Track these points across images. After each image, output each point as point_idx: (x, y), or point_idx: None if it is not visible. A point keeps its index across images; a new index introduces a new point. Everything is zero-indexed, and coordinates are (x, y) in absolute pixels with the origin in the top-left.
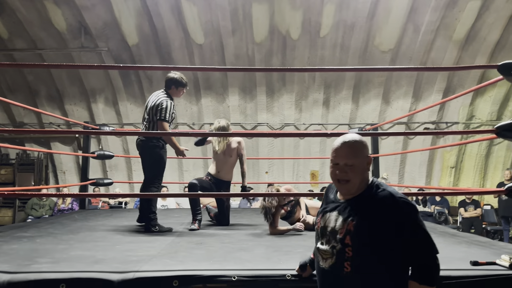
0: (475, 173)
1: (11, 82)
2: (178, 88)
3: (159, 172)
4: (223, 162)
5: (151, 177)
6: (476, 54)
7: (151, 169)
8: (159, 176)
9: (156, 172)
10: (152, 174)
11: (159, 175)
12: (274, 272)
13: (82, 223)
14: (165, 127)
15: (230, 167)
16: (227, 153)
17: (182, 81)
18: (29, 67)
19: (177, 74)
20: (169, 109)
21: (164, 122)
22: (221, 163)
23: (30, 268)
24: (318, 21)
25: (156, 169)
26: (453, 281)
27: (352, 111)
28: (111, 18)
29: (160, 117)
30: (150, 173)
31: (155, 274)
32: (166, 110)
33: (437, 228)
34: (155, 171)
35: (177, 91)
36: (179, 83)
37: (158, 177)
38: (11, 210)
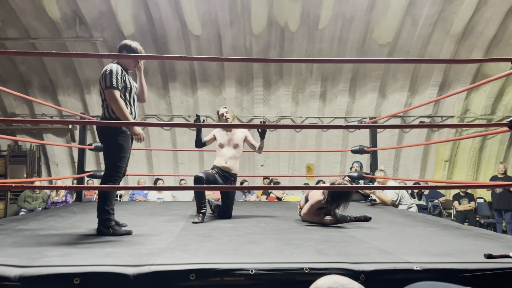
0: (468, 167)
1: (3, 72)
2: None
3: (116, 162)
4: (229, 153)
5: (107, 168)
6: (473, 48)
7: (106, 158)
8: (116, 167)
9: (112, 162)
10: (107, 165)
11: (116, 167)
12: (292, 265)
13: (82, 216)
14: (114, 95)
15: (236, 159)
16: (233, 144)
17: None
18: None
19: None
20: (115, 73)
21: (111, 90)
22: (228, 155)
23: (40, 262)
24: (317, 13)
25: (111, 158)
26: (469, 274)
27: (349, 105)
28: (107, 8)
29: (106, 85)
30: (106, 164)
31: (171, 267)
32: (111, 75)
33: (439, 221)
34: (111, 161)
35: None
36: (130, 49)
37: (115, 169)
38: (2, 203)
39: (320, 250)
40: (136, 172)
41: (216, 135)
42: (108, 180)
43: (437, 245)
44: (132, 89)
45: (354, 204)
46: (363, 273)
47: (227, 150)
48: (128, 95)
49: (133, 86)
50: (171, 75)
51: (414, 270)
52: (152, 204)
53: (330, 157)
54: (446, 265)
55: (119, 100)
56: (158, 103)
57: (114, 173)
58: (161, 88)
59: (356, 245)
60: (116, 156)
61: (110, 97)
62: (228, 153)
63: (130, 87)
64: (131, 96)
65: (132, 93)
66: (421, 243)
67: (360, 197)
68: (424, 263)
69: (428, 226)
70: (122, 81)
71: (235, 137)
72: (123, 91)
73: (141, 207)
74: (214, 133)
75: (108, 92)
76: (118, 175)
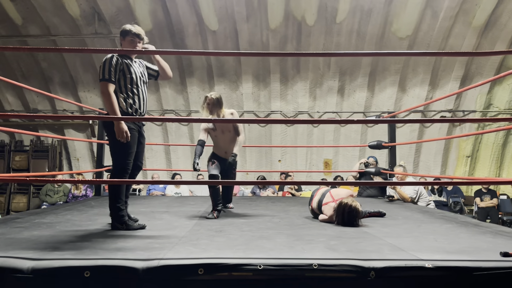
0: (491, 163)
1: (25, 69)
2: (125, 38)
3: (123, 159)
4: (227, 140)
5: (114, 165)
6: (496, 41)
7: (114, 155)
8: (124, 164)
9: (119, 159)
10: (115, 162)
11: (124, 163)
12: (300, 261)
13: (99, 210)
14: (106, 88)
15: (233, 141)
16: (226, 129)
17: (125, 28)
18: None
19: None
20: (108, 64)
21: (104, 82)
22: (227, 142)
23: (53, 255)
24: (334, 6)
25: (118, 155)
26: (484, 272)
27: (368, 99)
28: (125, 4)
29: (99, 77)
30: (114, 160)
31: (180, 262)
32: (104, 67)
33: (458, 217)
34: (118, 158)
35: (125, 42)
36: (123, 31)
37: (122, 166)
38: (25, 197)
39: (331, 246)
40: (155, 167)
41: (209, 129)
42: (117, 177)
43: (452, 242)
44: (134, 78)
45: (371, 200)
46: (373, 270)
47: (223, 136)
48: (130, 85)
49: (137, 74)
50: (188, 71)
51: (426, 268)
52: (169, 199)
53: (348, 152)
54: (459, 263)
55: (110, 94)
56: (176, 99)
57: (122, 170)
58: (178, 84)
59: (369, 241)
60: (122, 152)
61: (101, 89)
62: (226, 138)
63: (130, 76)
64: (133, 85)
65: (135, 82)
66: (436, 240)
67: (377, 193)
68: (436, 261)
69: (445, 222)
70: (118, 71)
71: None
72: (123, 82)
73: (157, 201)
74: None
75: (101, 84)
76: (126, 172)
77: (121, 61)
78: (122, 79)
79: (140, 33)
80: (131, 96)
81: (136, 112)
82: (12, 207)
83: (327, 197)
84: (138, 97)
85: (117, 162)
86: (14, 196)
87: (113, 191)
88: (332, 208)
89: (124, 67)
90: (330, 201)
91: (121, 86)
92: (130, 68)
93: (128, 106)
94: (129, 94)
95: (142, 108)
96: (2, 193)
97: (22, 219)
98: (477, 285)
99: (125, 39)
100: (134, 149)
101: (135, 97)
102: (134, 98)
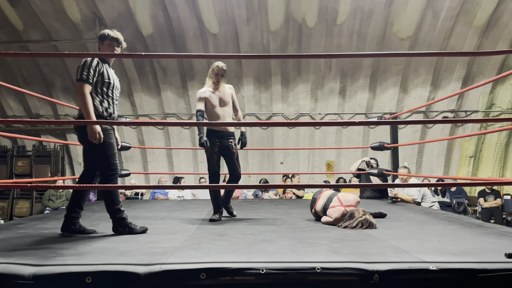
0: (494, 163)
1: (27, 74)
2: (103, 42)
3: (110, 160)
4: (224, 113)
5: (102, 169)
6: (497, 41)
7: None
8: (112, 165)
9: (106, 162)
10: (102, 165)
11: (111, 164)
12: (303, 264)
13: (101, 214)
14: (82, 89)
15: (230, 117)
16: (226, 102)
17: (104, 33)
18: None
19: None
20: (88, 66)
21: (80, 83)
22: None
23: (55, 261)
24: (335, 8)
25: (104, 158)
26: (489, 274)
27: (369, 100)
28: (126, 8)
29: (76, 77)
30: (100, 165)
31: (182, 266)
32: (83, 67)
33: (461, 218)
34: (104, 161)
35: (104, 46)
36: (101, 36)
37: (111, 168)
38: (28, 202)
39: (334, 249)
40: (157, 171)
41: (207, 97)
42: (109, 180)
43: (456, 243)
44: (112, 84)
45: (374, 201)
46: (377, 273)
47: (221, 110)
48: (106, 89)
49: (114, 82)
50: (189, 74)
51: (430, 270)
52: (171, 202)
53: (351, 154)
54: (463, 265)
55: (86, 94)
56: (177, 102)
57: (111, 172)
58: (180, 87)
59: (372, 243)
60: (108, 155)
61: (78, 90)
62: (222, 112)
63: (109, 81)
64: (109, 91)
65: (111, 88)
66: (440, 242)
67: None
68: (441, 263)
69: (449, 224)
70: (97, 74)
71: (224, 95)
72: (100, 85)
73: (160, 205)
74: (205, 98)
75: (77, 85)
76: (115, 173)
77: (101, 65)
78: (100, 83)
79: (118, 37)
80: (106, 99)
81: (110, 116)
82: (15, 212)
83: (334, 201)
84: (113, 102)
85: (105, 165)
86: (17, 201)
87: (109, 196)
88: (339, 212)
89: (104, 71)
90: (338, 205)
91: (98, 89)
92: (108, 73)
93: (103, 110)
94: (105, 97)
95: (115, 113)
96: (5, 198)
97: (24, 224)
98: (482, 287)
99: (104, 43)
100: (116, 150)
101: (109, 101)
102: (109, 102)
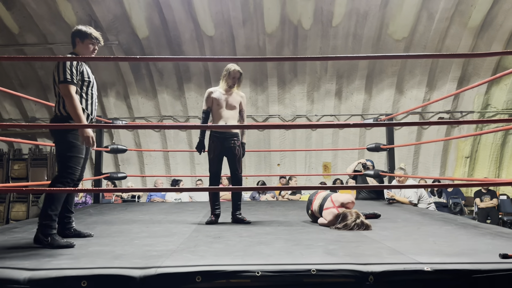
0: (490, 163)
1: (23, 77)
2: (84, 40)
3: (68, 162)
4: (228, 114)
5: (58, 170)
6: (492, 41)
7: (58, 158)
8: (68, 169)
9: (63, 163)
10: (59, 166)
11: (68, 167)
12: (299, 267)
13: (97, 218)
14: (69, 91)
15: (235, 119)
16: (233, 107)
17: (85, 31)
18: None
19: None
20: (70, 64)
21: (66, 85)
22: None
23: (50, 265)
24: (330, 10)
25: (63, 159)
26: (483, 275)
27: (365, 102)
28: (121, 11)
29: (59, 78)
30: (58, 165)
31: (177, 270)
32: (64, 67)
33: (457, 219)
34: (62, 162)
35: (83, 45)
36: (82, 34)
37: (67, 171)
38: (25, 205)
39: (330, 250)
40: (154, 173)
41: (214, 97)
42: (58, 182)
43: (451, 244)
44: (92, 82)
45: (370, 203)
46: (372, 274)
47: (225, 112)
48: (86, 89)
49: (92, 79)
50: (186, 77)
51: (425, 271)
52: (168, 205)
53: (347, 155)
54: (458, 266)
55: (74, 96)
56: (174, 105)
57: (66, 175)
58: (176, 90)
59: (368, 245)
60: (68, 156)
61: (64, 92)
62: (227, 114)
63: (89, 80)
64: (89, 90)
65: (90, 87)
66: (435, 243)
67: (375, 196)
68: (435, 264)
69: (445, 224)
70: (78, 73)
71: (233, 100)
72: (80, 84)
73: (157, 207)
74: (212, 97)
75: (63, 87)
76: (70, 177)
77: (81, 63)
78: (80, 82)
79: (98, 37)
80: (85, 99)
81: (87, 117)
82: (12, 216)
83: (328, 202)
84: (92, 102)
85: (62, 167)
86: (14, 205)
87: (49, 198)
88: (332, 214)
89: (84, 70)
90: (330, 206)
91: (77, 89)
92: (88, 71)
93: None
94: (84, 97)
95: (94, 113)
96: (1, 202)
97: (20, 228)
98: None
99: (84, 42)
100: (83, 155)
101: (88, 101)
102: (88, 102)
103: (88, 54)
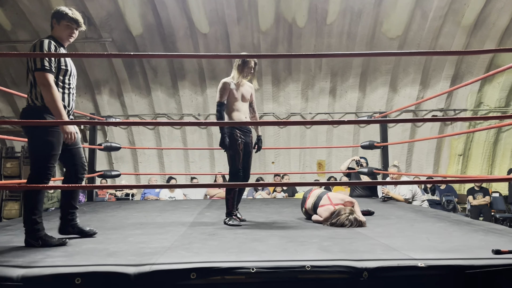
0: (483, 161)
1: (15, 74)
2: (60, 22)
3: (43, 162)
4: (245, 108)
5: (32, 169)
6: (485, 40)
7: (32, 156)
8: (45, 168)
9: (38, 162)
10: (33, 165)
11: (44, 167)
12: (293, 263)
13: (91, 215)
14: (47, 80)
15: (249, 113)
16: (247, 98)
17: (62, 11)
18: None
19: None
20: (46, 51)
21: (43, 73)
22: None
23: (44, 262)
24: (324, 8)
25: (38, 157)
26: (476, 270)
27: (359, 100)
28: (115, 8)
29: (35, 66)
30: (31, 163)
31: (172, 266)
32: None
33: (450, 216)
34: (37, 161)
35: (60, 27)
36: (59, 14)
37: (43, 170)
38: (17, 203)
39: (324, 247)
40: (148, 171)
41: (232, 89)
42: (34, 183)
43: (445, 240)
44: (69, 71)
45: (364, 200)
46: (366, 270)
47: (241, 104)
48: (63, 77)
49: (71, 69)
50: (180, 74)
51: (419, 267)
52: (162, 203)
53: (341, 153)
54: (451, 261)
55: (52, 86)
56: (168, 102)
57: (41, 175)
58: (170, 87)
59: (362, 241)
60: (43, 154)
61: (42, 82)
62: (243, 107)
63: (66, 68)
64: (66, 79)
65: (68, 76)
66: (429, 239)
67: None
68: (429, 260)
69: (438, 221)
70: (55, 61)
71: (246, 92)
72: (56, 72)
73: (151, 205)
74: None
75: (39, 75)
76: (46, 177)
77: (58, 49)
78: (56, 70)
79: (78, 18)
80: (61, 88)
81: (65, 109)
82: (4, 214)
83: (324, 199)
84: (69, 93)
85: (38, 165)
86: (6, 203)
87: (28, 201)
88: (328, 211)
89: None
90: (327, 203)
91: (55, 78)
92: (65, 59)
93: None
94: (60, 85)
95: (71, 105)
96: None
97: (12, 226)
98: (470, 283)
99: (60, 24)
100: (59, 151)
101: (65, 92)
102: (65, 93)
103: (65, 37)
